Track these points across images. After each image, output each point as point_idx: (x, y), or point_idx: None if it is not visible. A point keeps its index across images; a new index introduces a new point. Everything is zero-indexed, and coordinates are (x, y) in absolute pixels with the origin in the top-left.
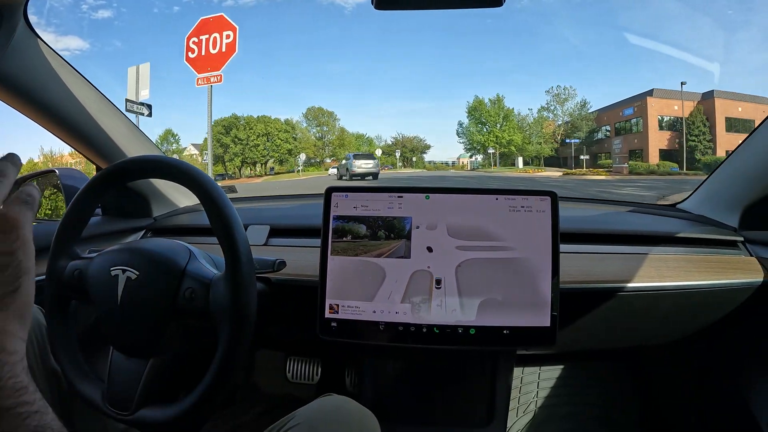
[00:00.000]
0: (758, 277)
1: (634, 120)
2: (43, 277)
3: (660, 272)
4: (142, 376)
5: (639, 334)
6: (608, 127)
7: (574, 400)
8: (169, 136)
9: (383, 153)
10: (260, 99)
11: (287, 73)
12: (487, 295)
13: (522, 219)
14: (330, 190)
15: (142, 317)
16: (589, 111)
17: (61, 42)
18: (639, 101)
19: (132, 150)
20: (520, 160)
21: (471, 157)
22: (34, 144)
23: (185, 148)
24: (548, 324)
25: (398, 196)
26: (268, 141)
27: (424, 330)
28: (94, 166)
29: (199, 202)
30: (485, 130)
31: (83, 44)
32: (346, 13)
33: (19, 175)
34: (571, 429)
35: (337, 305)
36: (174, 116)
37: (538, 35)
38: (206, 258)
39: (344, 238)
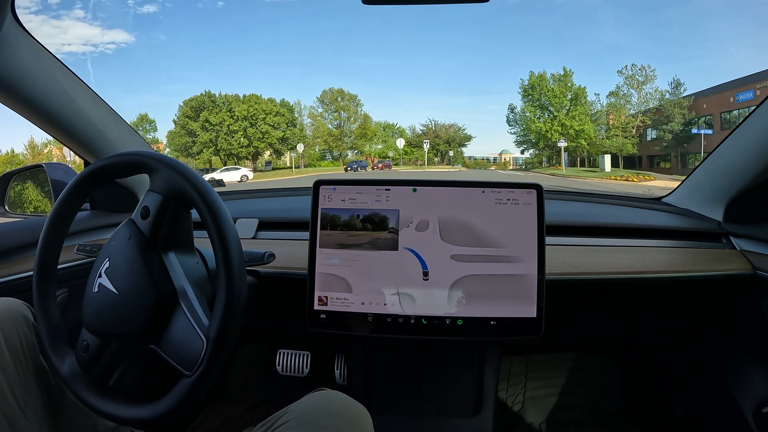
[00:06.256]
0: (741, 270)
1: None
2: (31, 273)
3: (645, 264)
4: (134, 371)
5: (625, 325)
6: (710, 117)
7: (562, 391)
8: (144, 122)
9: (410, 144)
10: (295, 90)
11: (325, 66)
12: (475, 286)
13: (508, 212)
14: (318, 183)
15: (136, 306)
16: (683, 95)
17: (107, 35)
18: (764, 82)
19: (120, 144)
20: (607, 158)
21: (523, 152)
22: (22, 134)
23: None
24: (534, 315)
25: (386, 189)
26: (251, 126)
27: (412, 321)
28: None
29: None
30: (547, 115)
31: (129, 37)
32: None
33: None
34: (560, 419)
35: (326, 297)
36: (151, 100)
37: (578, 29)
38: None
39: (332, 231)
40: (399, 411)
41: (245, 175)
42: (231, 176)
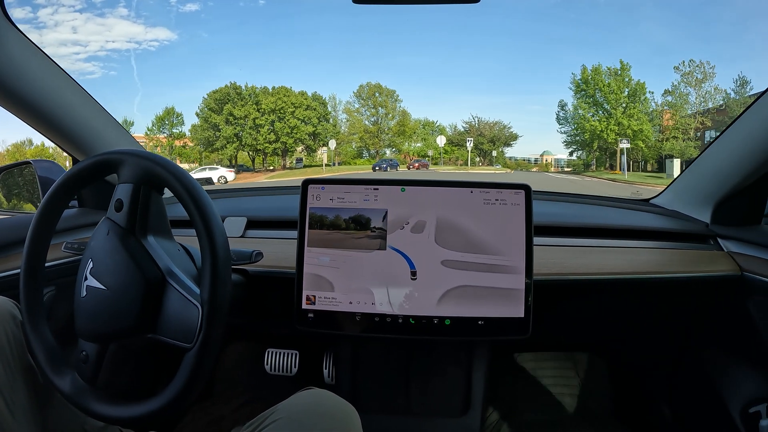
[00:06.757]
0: (728, 271)
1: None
2: (18, 271)
3: (633, 265)
4: (120, 371)
5: (613, 325)
6: None
7: (550, 390)
8: (171, 116)
9: (452, 143)
10: (332, 86)
11: (362, 62)
12: (463, 287)
13: (496, 212)
14: (307, 182)
15: (127, 296)
16: (749, 94)
17: (150, 33)
18: None
19: (108, 142)
20: (677, 163)
21: (572, 153)
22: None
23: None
24: (522, 315)
25: (374, 189)
26: (278, 121)
27: (400, 321)
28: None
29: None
30: (601, 113)
31: (171, 35)
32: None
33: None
34: (547, 418)
35: (314, 296)
36: (191, 96)
37: (621, 28)
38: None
39: (321, 230)
40: (387, 410)
41: (223, 176)
42: (205, 177)
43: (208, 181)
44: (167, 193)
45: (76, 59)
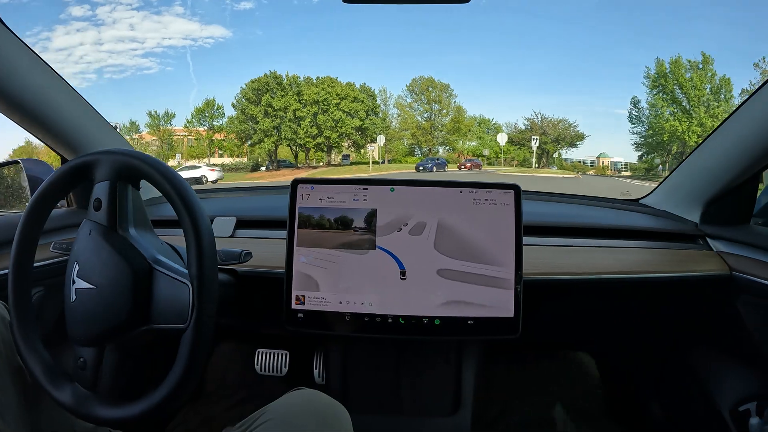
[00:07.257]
0: (717, 271)
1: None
2: (6, 271)
3: (623, 264)
4: (120, 371)
5: (603, 324)
6: None
7: (541, 390)
8: (210, 108)
9: (513, 143)
10: (382, 80)
11: (417, 57)
12: (453, 288)
13: (486, 212)
14: (296, 182)
15: (117, 290)
16: None
17: (205, 30)
18: None
19: (98, 141)
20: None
21: (642, 157)
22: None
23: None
24: (512, 314)
25: (363, 188)
26: (322, 113)
27: (390, 320)
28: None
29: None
30: (680, 112)
31: (226, 32)
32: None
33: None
34: (538, 418)
35: (303, 296)
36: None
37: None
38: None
39: (310, 230)
40: (378, 410)
41: (204, 176)
42: (194, 177)
43: (199, 180)
44: (149, 194)
45: (133, 55)
